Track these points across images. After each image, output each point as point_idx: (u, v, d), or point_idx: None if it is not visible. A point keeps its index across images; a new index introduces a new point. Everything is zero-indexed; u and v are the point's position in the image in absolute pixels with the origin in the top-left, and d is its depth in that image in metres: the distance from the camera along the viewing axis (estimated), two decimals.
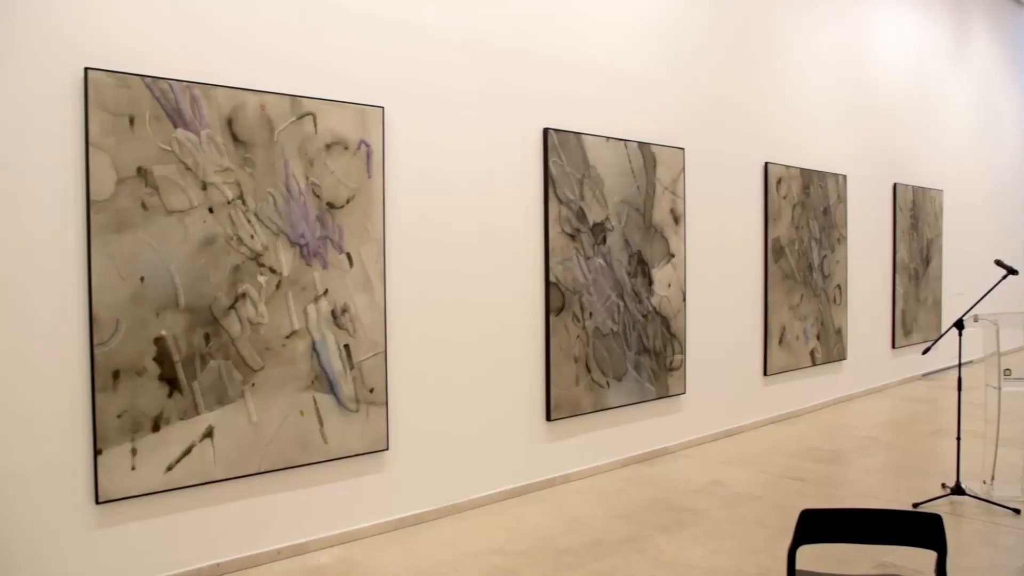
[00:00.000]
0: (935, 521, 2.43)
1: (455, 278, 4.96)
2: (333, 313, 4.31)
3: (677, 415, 6.48)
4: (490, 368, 5.15)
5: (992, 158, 12.33)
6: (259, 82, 4.06)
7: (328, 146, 4.29)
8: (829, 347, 8.24)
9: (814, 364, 8.04)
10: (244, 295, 3.98)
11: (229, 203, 3.92)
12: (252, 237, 4.01)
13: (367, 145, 4.45)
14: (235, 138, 3.94)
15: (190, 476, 3.82)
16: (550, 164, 5.38)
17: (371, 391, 4.47)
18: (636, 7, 6.11)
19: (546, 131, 5.38)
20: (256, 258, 4.02)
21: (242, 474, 4.00)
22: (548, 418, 5.43)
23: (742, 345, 7.20)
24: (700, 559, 4.23)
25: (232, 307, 3.93)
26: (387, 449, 4.58)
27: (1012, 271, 5.31)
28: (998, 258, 5.60)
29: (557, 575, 4.02)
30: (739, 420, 7.16)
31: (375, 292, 4.49)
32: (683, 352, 6.40)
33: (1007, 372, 5.21)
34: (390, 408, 4.60)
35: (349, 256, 4.38)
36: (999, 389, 5.22)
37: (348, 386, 4.37)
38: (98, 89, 3.52)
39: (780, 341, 7.52)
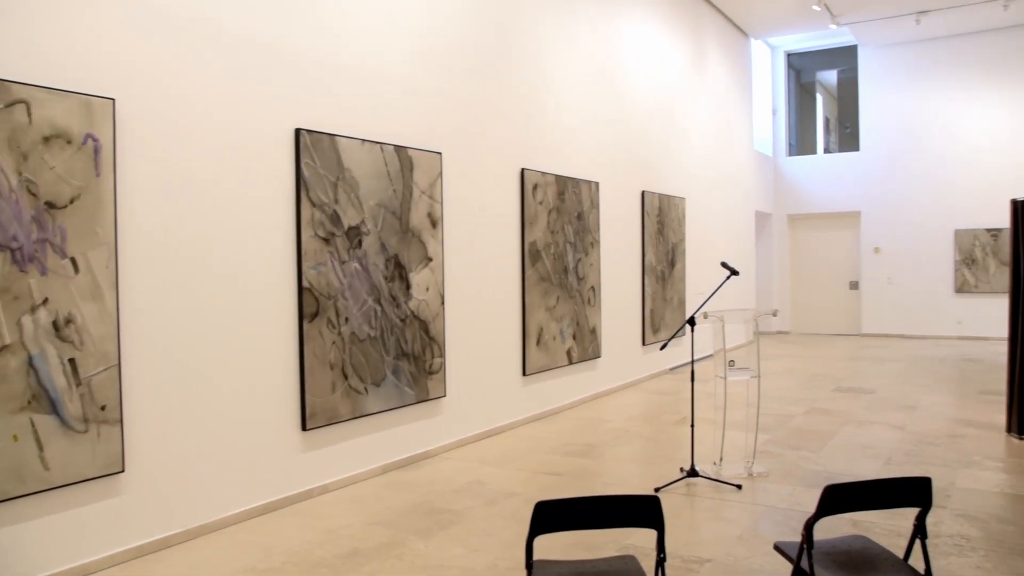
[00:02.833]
0: (654, 502, 2.61)
1: (200, 284, 4.67)
2: (55, 324, 3.90)
3: (438, 418, 6.53)
4: (240, 378, 4.91)
5: (726, 171, 13.64)
6: None
7: (46, 139, 3.88)
8: (584, 346, 8.68)
9: (571, 363, 8.44)
10: None
11: None
12: None
13: (95, 140, 4.08)
14: None
15: None
16: (302, 166, 5.22)
17: (103, 408, 4.09)
18: (393, 7, 6.10)
19: (298, 131, 5.22)
20: None
21: None
22: (304, 427, 5.26)
23: (501, 346, 7.40)
24: (457, 558, 4.27)
25: None
26: (123, 471, 4.21)
27: (734, 272, 5.86)
28: (724, 260, 6.16)
29: None
30: (500, 420, 7.35)
31: (106, 300, 4.12)
32: (442, 355, 6.47)
33: (731, 363, 5.74)
34: (126, 426, 4.24)
35: (74, 261, 3.99)
36: (725, 379, 5.75)
37: (74, 404, 3.97)
38: None
39: (538, 341, 7.82)
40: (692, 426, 5.80)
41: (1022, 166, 14.19)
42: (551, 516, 2.61)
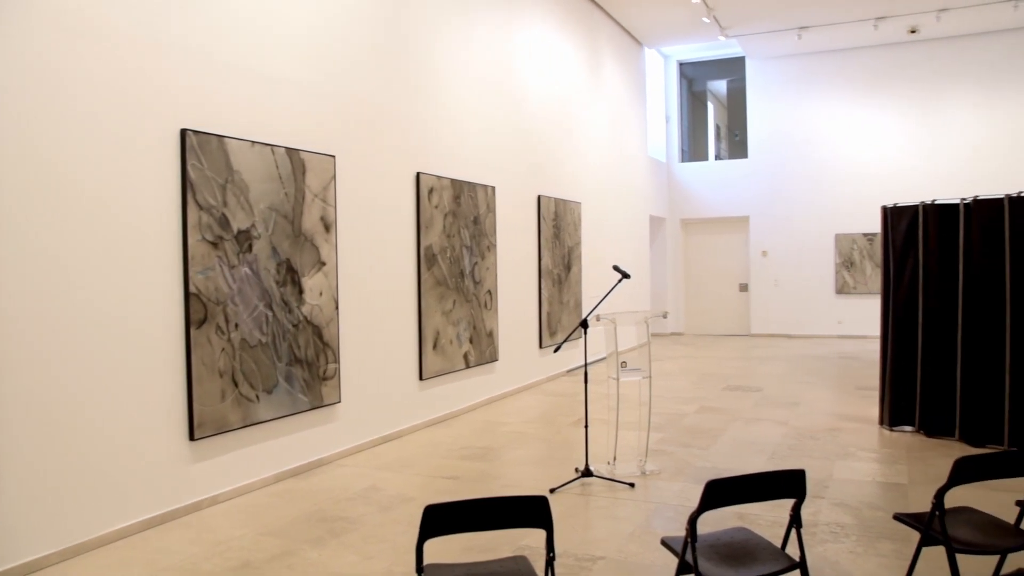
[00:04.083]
0: (541, 503, 2.64)
1: (77, 290, 4.44)
2: None
3: (333, 424, 6.43)
4: (122, 388, 4.69)
5: (621, 176, 13.93)
6: None
7: None
8: (482, 349, 8.71)
9: (468, 366, 8.45)
10: None
11: None
12: None
13: None
14: None
15: None
16: (188, 167, 5.05)
17: None
18: (284, 5, 5.97)
19: (184, 132, 5.05)
20: None
21: None
22: (191, 437, 5.08)
23: (397, 351, 7.35)
24: (351, 566, 4.22)
25: None
26: None
27: (626, 275, 5.98)
28: (616, 264, 6.28)
29: None
30: (397, 425, 7.29)
31: None
32: (337, 361, 6.37)
33: (623, 364, 5.87)
34: None
35: None
36: (618, 380, 5.87)
37: None
38: None
39: (435, 346, 7.80)
40: (586, 427, 5.90)
41: (894, 174, 15.06)
42: (440, 520, 2.61)
